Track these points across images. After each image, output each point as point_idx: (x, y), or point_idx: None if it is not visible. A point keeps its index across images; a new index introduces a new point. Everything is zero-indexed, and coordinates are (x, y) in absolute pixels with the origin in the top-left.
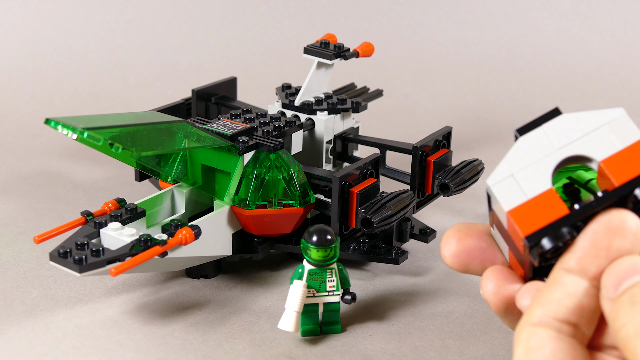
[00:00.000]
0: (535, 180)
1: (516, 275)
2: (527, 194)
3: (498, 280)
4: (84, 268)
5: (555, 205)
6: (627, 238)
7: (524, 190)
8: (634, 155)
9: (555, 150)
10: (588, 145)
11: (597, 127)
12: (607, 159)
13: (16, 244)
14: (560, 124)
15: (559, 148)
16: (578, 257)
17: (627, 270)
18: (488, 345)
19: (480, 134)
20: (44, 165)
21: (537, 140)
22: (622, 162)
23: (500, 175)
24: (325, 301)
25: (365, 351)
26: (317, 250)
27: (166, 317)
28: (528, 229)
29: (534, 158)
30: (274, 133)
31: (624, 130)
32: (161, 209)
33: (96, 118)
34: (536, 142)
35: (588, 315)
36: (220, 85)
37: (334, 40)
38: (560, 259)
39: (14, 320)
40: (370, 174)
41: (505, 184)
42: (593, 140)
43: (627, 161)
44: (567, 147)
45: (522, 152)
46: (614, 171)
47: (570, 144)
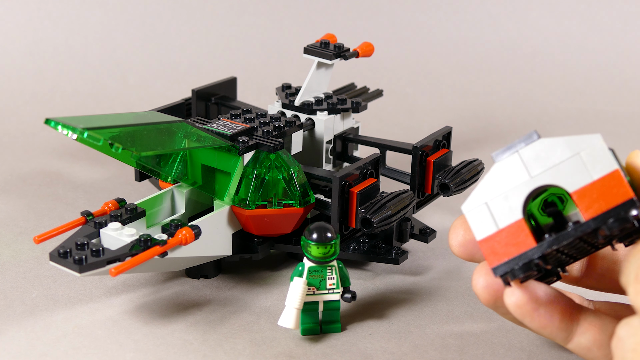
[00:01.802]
0: (506, 210)
1: None
2: (497, 224)
3: (487, 275)
4: (84, 268)
5: (523, 237)
6: None
7: (495, 219)
8: (605, 188)
9: (529, 179)
10: (560, 175)
11: (571, 156)
12: (578, 190)
13: (16, 244)
14: (536, 150)
15: (533, 177)
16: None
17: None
18: (488, 344)
19: (480, 134)
20: (44, 165)
21: (512, 166)
22: (593, 195)
23: (474, 202)
24: (325, 299)
25: (365, 350)
26: (317, 247)
27: (166, 317)
28: (494, 261)
29: (508, 186)
30: (274, 133)
31: (598, 160)
32: (161, 209)
33: (96, 118)
34: (511, 169)
35: None
36: (220, 85)
37: (334, 40)
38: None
39: (14, 320)
40: (370, 174)
41: (478, 212)
42: (565, 170)
43: (598, 194)
44: (540, 175)
45: (496, 179)
46: (583, 204)
47: (544, 173)
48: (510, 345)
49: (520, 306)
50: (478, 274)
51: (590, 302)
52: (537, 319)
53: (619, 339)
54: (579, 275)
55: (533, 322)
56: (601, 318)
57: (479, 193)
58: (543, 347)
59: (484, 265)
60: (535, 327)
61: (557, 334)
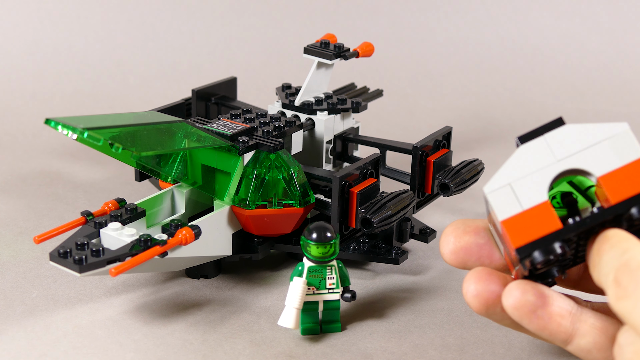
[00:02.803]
0: (531, 191)
1: (497, 276)
2: (522, 205)
3: (477, 283)
4: (84, 268)
5: (549, 218)
6: None
7: (520, 200)
8: (632, 174)
9: (555, 162)
10: (588, 160)
11: (599, 141)
12: (605, 175)
13: (16, 244)
14: (563, 135)
15: (559, 160)
16: None
17: None
18: (488, 344)
19: (480, 134)
20: (44, 165)
21: (538, 149)
22: (620, 180)
23: (498, 183)
24: (325, 299)
25: (365, 349)
26: (316, 246)
27: (166, 317)
28: (519, 240)
29: (533, 168)
30: (274, 133)
31: (626, 147)
32: (161, 209)
33: (96, 118)
34: (536, 152)
35: None
36: (220, 85)
37: (334, 40)
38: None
39: (14, 320)
40: (370, 174)
41: (502, 193)
42: (593, 155)
43: (625, 179)
44: (567, 159)
45: (521, 161)
46: (610, 188)
47: (571, 157)
48: (510, 346)
49: (519, 307)
50: (468, 282)
51: (589, 302)
52: (536, 321)
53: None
54: (576, 278)
55: (531, 324)
56: (601, 320)
57: (503, 175)
58: (543, 348)
59: (474, 272)
60: (533, 329)
61: (556, 336)
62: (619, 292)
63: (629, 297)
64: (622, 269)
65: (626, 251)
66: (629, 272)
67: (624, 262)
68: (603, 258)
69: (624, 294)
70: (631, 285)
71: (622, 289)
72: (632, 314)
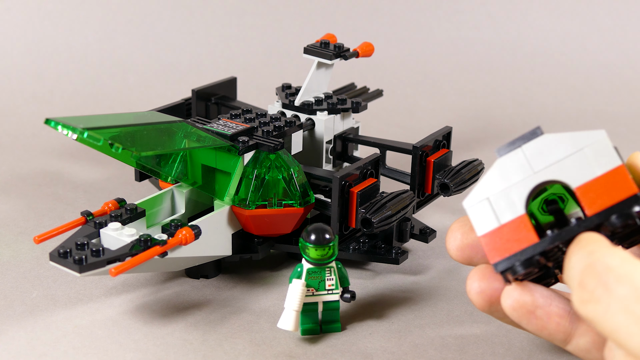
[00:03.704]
0: (508, 205)
1: None
2: (499, 220)
3: (481, 280)
4: (84, 268)
5: (525, 232)
6: None
7: (497, 215)
8: (609, 183)
9: (532, 174)
10: (564, 171)
11: (575, 151)
12: (582, 186)
13: (16, 244)
14: (540, 145)
15: (536, 172)
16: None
17: None
18: (488, 343)
19: (480, 134)
20: (44, 165)
21: (515, 162)
22: (596, 191)
23: (477, 197)
24: (324, 300)
25: (365, 349)
26: (315, 249)
27: (166, 317)
28: (496, 256)
29: (511, 181)
30: (274, 133)
31: (602, 156)
32: (161, 209)
33: (96, 118)
34: (514, 164)
35: None
36: (220, 85)
37: (334, 40)
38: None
39: (14, 320)
40: (370, 174)
41: (480, 208)
42: (569, 165)
43: (601, 189)
44: (544, 170)
45: (499, 175)
46: (587, 200)
47: (548, 168)
48: (510, 345)
49: (517, 308)
50: (472, 279)
51: None
52: (534, 321)
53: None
54: None
55: (530, 325)
56: None
57: (481, 188)
58: (543, 347)
59: (477, 270)
60: (532, 329)
61: (555, 336)
62: (584, 296)
63: (595, 301)
64: (588, 271)
65: (592, 253)
66: (595, 274)
67: (589, 263)
68: (571, 260)
69: (589, 297)
70: (599, 289)
71: (587, 292)
72: (602, 319)
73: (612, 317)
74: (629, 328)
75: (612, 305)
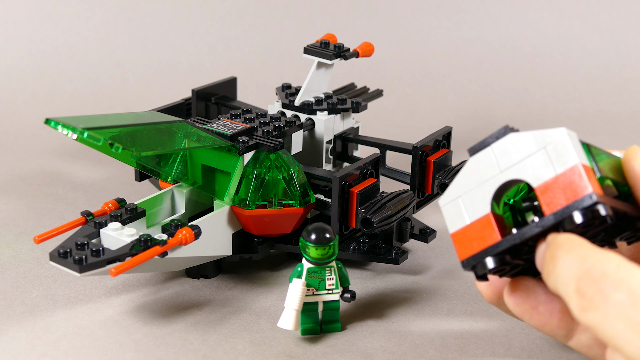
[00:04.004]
0: (476, 204)
1: None
2: (466, 219)
3: None
4: (84, 268)
5: (489, 231)
6: None
7: (466, 214)
8: (565, 183)
9: (498, 173)
10: (526, 169)
11: (537, 150)
12: (541, 185)
13: (16, 244)
14: (507, 144)
15: (502, 171)
16: None
17: None
18: (488, 343)
19: (480, 134)
20: (44, 165)
21: (485, 160)
22: (554, 190)
23: (450, 196)
24: (324, 299)
25: (365, 349)
26: (315, 248)
27: (166, 317)
28: (463, 254)
29: (480, 180)
30: (274, 133)
31: (561, 155)
32: (161, 209)
33: (96, 118)
34: (483, 163)
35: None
36: (220, 85)
37: (334, 40)
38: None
39: (14, 320)
40: (370, 174)
41: (452, 206)
42: (532, 164)
43: (559, 189)
44: (509, 169)
45: (470, 174)
46: (545, 199)
47: (512, 167)
48: (510, 345)
49: (520, 304)
50: None
51: None
52: (537, 317)
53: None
54: None
55: (532, 320)
56: None
57: (454, 187)
58: (543, 347)
59: None
60: (535, 325)
61: (557, 331)
62: (583, 304)
63: (595, 308)
64: (585, 278)
65: (585, 259)
66: (592, 281)
67: (585, 270)
68: (558, 266)
69: (589, 305)
70: (597, 296)
71: (586, 300)
72: (601, 326)
73: (610, 324)
74: (626, 334)
75: (610, 312)
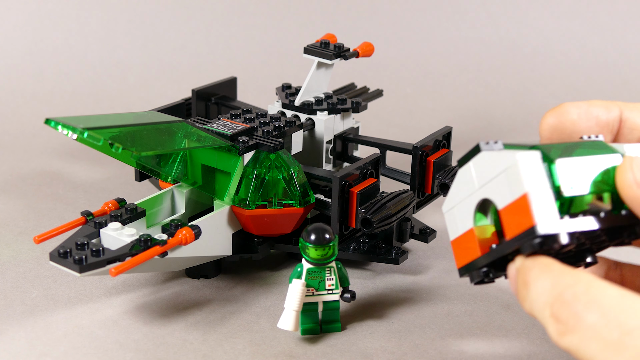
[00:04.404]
0: (464, 217)
1: None
2: (460, 229)
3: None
4: (84, 268)
5: (472, 245)
6: None
7: (460, 224)
8: (519, 210)
9: (476, 190)
10: (492, 191)
11: (499, 173)
12: (502, 209)
13: (16, 244)
14: (481, 162)
15: (479, 188)
16: None
17: None
18: (488, 344)
19: (480, 134)
20: (44, 165)
21: (466, 175)
22: (511, 216)
23: (449, 204)
24: (324, 300)
25: (365, 349)
26: (315, 249)
27: (166, 317)
28: (460, 261)
29: (464, 194)
30: (274, 133)
31: (516, 181)
32: (161, 209)
33: (96, 118)
34: (465, 178)
35: None
36: (220, 85)
37: (334, 40)
38: None
39: (14, 320)
40: (370, 174)
41: (450, 215)
42: (494, 187)
43: (515, 215)
44: (482, 188)
45: (459, 185)
46: (506, 223)
47: (485, 186)
48: (510, 346)
49: None
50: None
51: None
52: None
53: None
54: None
55: None
56: None
57: (451, 196)
58: (543, 347)
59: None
60: None
61: None
62: (560, 328)
63: (571, 331)
64: (558, 302)
65: (556, 283)
66: (565, 305)
67: (558, 294)
68: (532, 292)
69: (565, 328)
70: (571, 319)
71: (562, 324)
72: (579, 349)
73: (587, 346)
74: (603, 355)
75: (585, 334)
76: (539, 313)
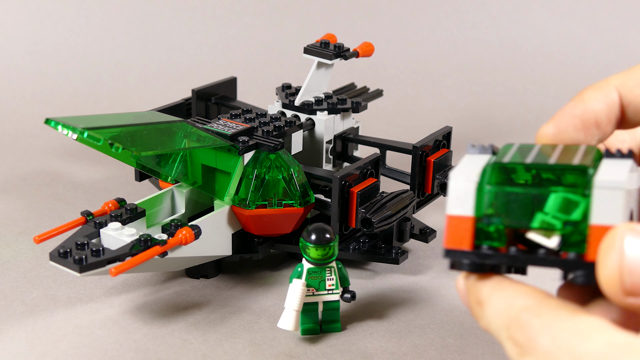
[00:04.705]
0: (465, 200)
1: None
2: (465, 210)
3: None
4: (84, 268)
5: (467, 236)
6: None
7: (462, 204)
8: (456, 228)
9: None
10: (453, 197)
11: (463, 181)
12: (452, 217)
13: (16, 244)
14: (462, 164)
15: None
16: None
17: None
18: (488, 344)
19: (480, 134)
20: (44, 165)
21: (475, 161)
22: (449, 228)
23: (459, 176)
24: (324, 300)
25: (365, 349)
26: (315, 249)
27: (166, 317)
28: (449, 242)
29: (472, 170)
30: (274, 133)
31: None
32: (161, 209)
33: (96, 118)
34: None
35: None
36: (220, 85)
37: (334, 40)
38: None
39: (14, 320)
40: (370, 174)
41: (456, 185)
42: (456, 193)
43: (455, 230)
44: None
45: (468, 163)
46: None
47: None
48: None
49: None
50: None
51: None
52: None
53: None
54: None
55: None
56: None
57: (461, 168)
58: None
59: None
60: None
61: None
62: (518, 350)
63: (528, 354)
64: (514, 326)
65: (509, 304)
66: (520, 328)
67: (512, 317)
68: (486, 311)
69: (522, 351)
70: (526, 343)
71: (519, 346)
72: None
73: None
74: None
75: (540, 357)
76: (496, 334)
